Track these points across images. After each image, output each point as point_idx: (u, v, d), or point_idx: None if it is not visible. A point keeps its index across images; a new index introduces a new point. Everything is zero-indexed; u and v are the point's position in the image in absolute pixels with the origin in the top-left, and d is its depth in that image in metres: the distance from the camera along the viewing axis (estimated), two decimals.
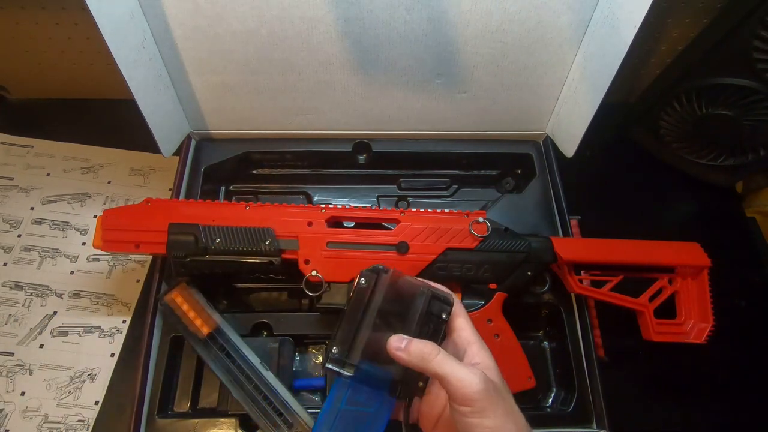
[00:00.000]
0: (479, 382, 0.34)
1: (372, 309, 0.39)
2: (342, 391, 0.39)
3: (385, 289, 0.40)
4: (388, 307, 0.39)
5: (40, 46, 0.71)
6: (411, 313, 0.39)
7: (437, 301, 0.40)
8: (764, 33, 0.55)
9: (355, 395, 0.39)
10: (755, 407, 0.62)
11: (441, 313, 0.39)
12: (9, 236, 0.67)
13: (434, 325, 0.39)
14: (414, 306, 0.39)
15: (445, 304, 0.40)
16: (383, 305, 0.39)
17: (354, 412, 0.39)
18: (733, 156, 0.70)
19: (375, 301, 0.39)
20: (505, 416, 0.34)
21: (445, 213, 0.55)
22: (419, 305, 0.39)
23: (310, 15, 0.54)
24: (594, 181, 0.75)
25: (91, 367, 0.60)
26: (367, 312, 0.39)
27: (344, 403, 0.39)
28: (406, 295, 0.40)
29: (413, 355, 0.36)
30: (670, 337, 0.56)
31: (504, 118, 0.67)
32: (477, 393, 0.33)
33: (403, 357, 0.36)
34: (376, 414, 0.39)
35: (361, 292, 0.40)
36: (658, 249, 0.56)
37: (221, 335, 0.53)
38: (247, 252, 0.51)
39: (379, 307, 0.39)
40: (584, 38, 0.57)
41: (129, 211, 0.53)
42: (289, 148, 0.68)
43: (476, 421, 0.33)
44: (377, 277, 0.40)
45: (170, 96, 0.62)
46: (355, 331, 0.39)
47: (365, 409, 0.39)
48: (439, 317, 0.39)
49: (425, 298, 0.40)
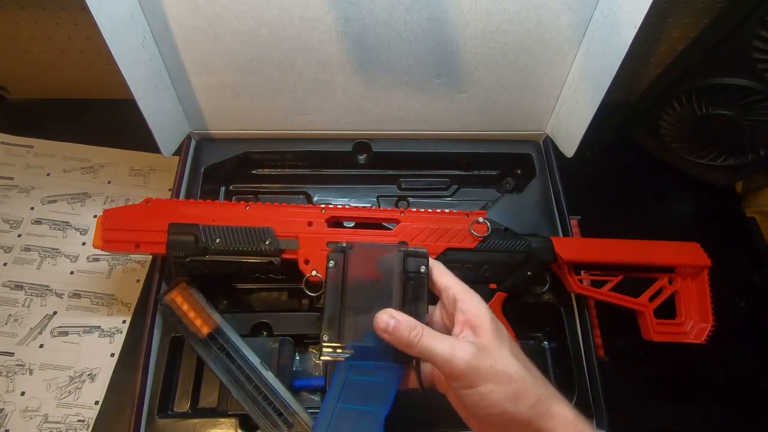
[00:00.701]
0: (463, 359, 0.34)
1: (350, 287, 0.39)
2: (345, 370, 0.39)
3: (356, 263, 0.40)
4: (365, 281, 0.39)
5: (40, 46, 0.71)
6: (390, 278, 0.39)
7: (411, 258, 0.40)
8: (764, 33, 0.55)
9: (360, 370, 0.39)
10: (755, 407, 0.62)
11: (419, 267, 0.39)
12: (9, 236, 0.67)
13: (415, 281, 0.39)
14: (390, 270, 0.39)
15: (420, 257, 0.40)
16: (359, 280, 0.39)
17: (361, 383, 0.39)
18: (733, 156, 0.70)
19: (350, 279, 0.39)
20: (496, 379, 0.34)
21: (445, 213, 0.55)
22: (395, 267, 0.39)
23: (310, 15, 0.54)
24: (594, 181, 0.75)
25: (91, 367, 0.60)
26: (346, 291, 0.39)
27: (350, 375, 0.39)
28: (380, 262, 0.40)
29: (399, 340, 0.36)
30: (670, 337, 0.56)
31: (504, 118, 0.67)
32: (462, 369, 0.34)
33: (390, 340, 0.37)
34: (385, 383, 0.39)
35: (333, 274, 0.40)
36: (658, 249, 0.56)
37: (221, 335, 0.53)
38: (247, 252, 0.51)
39: (356, 284, 0.39)
40: (584, 38, 0.57)
41: (129, 211, 0.53)
42: (289, 148, 0.68)
43: (468, 392, 0.35)
44: (344, 255, 0.40)
45: (170, 96, 0.62)
46: (339, 313, 0.39)
47: (373, 378, 0.39)
48: (417, 272, 0.39)
49: (398, 259, 0.40)
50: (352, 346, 0.38)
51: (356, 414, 0.38)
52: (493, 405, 0.34)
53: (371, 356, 0.39)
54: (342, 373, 0.39)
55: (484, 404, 0.34)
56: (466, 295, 0.39)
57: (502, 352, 0.36)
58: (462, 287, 0.40)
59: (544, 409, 0.34)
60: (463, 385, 0.35)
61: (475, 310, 0.38)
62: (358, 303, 0.39)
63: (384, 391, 0.39)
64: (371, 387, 0.39)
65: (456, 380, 0.35)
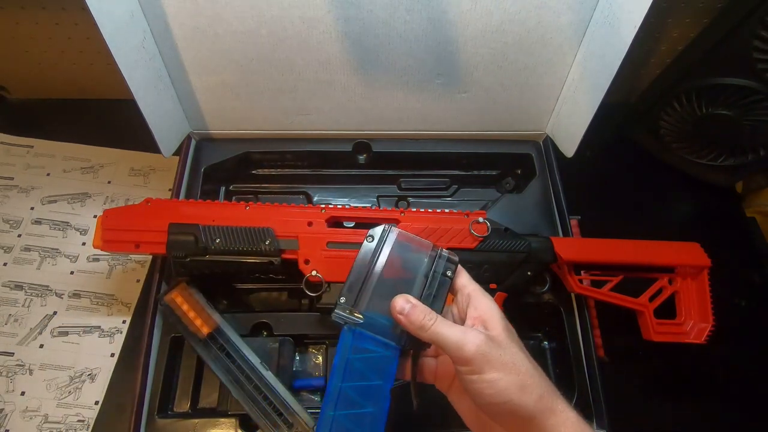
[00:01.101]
0: (474, 343, 0.35)
1: (378, 264, 0.41)
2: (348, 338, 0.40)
3: (391, 246, 0.41)
4: (394, 264, 0.41)
5: (40, 46, 0.71)
6: (417, 270, 0.41)
7: (443, 261, 0.42)
8: (764, 33, 0.55)
9: (362, 344, 0.40)
10: (755, 407, 0.62)
11: (447, 270, 0.41)
12: (9, 236, 0.67)
13: (440, 282, 0.41)
14: (420, 264, 0.41)
15: (451, 263, 0.42)
16: (389, 262, 0.41)
17: (362, 360, 0.40)
18: (733, 156, 0.70)
19: (381, 258, 0.41)
20: (503, 368, 0.35)
21: (445, 213, 0.55)
22: (425, 263, 0.41)
23: (310, 15, 0.54)
24: (594, 181, 0.75)
25: (91, 367, 0.60)
26: (373, 267, 0.41)
27: (351, 352, 0.40)
28: (413, 253, 0.42)
29: (412, 322, 0.37)
30: (670, 337, 0.56)
31: (504, 118, 0.67)
32: (472, 353, 0.35)
33: (403, 321, 0.38)
34: (385, 358, 0.40)
35: (368, 248, 0.41)
36: (658, 249, 0.56)
37: (221, 335, 0.53)
38: (247, 252, 0.51)
39: (386, 263, 0.41)
40: (584, 38, 0.57)
41: (129, 211, 0.53)
42: (289, 148, 0.68)
43: (475, 377, 0.35)
44: (385, 235, 0.42)
45: (170, 96, 0.62)
46: (362, 283, 0.40)
47: (373, 355, 0.40)
48: (444, 274, 0.41)
49: (432, 257, 0.41)
50: (364, 314, 0.40)
51: (361, 390, 0.40)
52: (499, 393, 0.34)
53: (378, 331, 0.40)
54: (344, 348, 0.40)
55: (490, 392, 0.35)
56: (481, 294, 0.40)
57: (512, 346, 0.37)
58: (477, 287, 0.41)
59: (548, 405, 0.35)
60: (471, 370, 0.35)
61: (488, 308, 0.39)
62: (381, 281, 0.40)
63: (385, 366, 0.40)
64: (371, 363, 0.40)
65: (465, 365, 0.35)
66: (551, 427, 0.34)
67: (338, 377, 0.40)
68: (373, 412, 0.39)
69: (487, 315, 0.38)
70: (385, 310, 0.39)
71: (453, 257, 0.42)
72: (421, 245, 0.42)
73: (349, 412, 0.39)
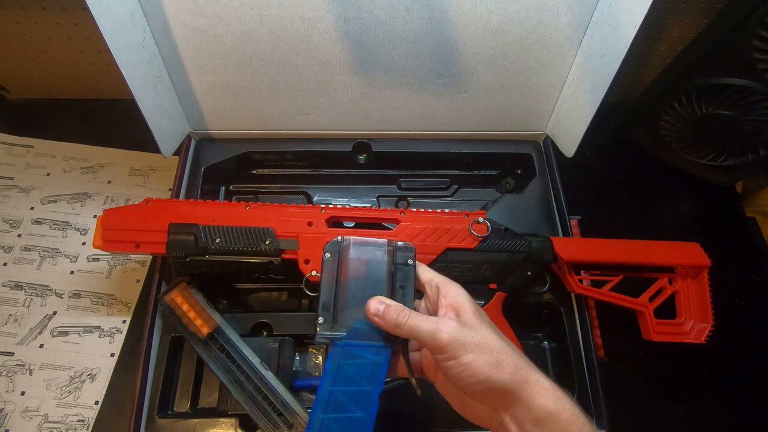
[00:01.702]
0: (446, 331, 0.37)
1: (343, 276, 0.42)
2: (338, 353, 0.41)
3: (349, 254, 0.43)
4: (358, 270, 0.43)
5: (40, 46, 0.71)
6: (381, 268, 0.43)
7: (400, 252, 0.44)
8: (764, 33, 0.55)
9: (351, 354, 0.41)
10: (755, 407, 0.62)
11: (406, 260, 0.43)
12: (9, 236, 0.67)
13: (403, 273, 0.43)
14: (381, 261, 0.43)
15: (408, 252, 0.44)
16: (353, 270, 0.43)
17: (353, 365, 0.41)
18: (733, 156, 0.70)
19: (344, 269, 0.43)
20: (477, 349, 0.37)
21: (445, 213, 0.55)
22: (385, 259, 0.43)
23: (310, 15, 0.54)
24: (594, 181, 0.75)
25: (91, 367, 0.60)
26: (340, 280, 0.42)
27: (343, 357, 0.41)
28: (372, 253, 0.43)
29: (388, 322, 0.39)
30: (670, 337, 0.56)
31: (504, 118, 0.67)
32: (446, 341, 0.37)
33: (379, 323, 0.40)
34: (375, 364, 0.41)
35: (329, 264, 0.43)
36: (658, 249, 0.56)
37: (221, 335, 0.53)
38: (247, 252, 0.51)
39: (350, 273, 0.42)
40: (584, 38, 0.57)
41: (129, 211, 0.53)
42: (289, 148, 0.68)
43: (452, 363, 0.37)
44: (339, 247, 0.44)
45: (170, 96, 0.62)
46: (334, 298, 0.42)
47: (364, 361, 0.41)
48: (405, 264, 0.43)
49: (389, 251, 0.43)
50: (345, 328, 0.41)
51: (351, 395, 0.41)
52: (476, 374, 0.36)
53: (363, 337, 0.42)
54: (335, 359, 0.41)
55: (467, 374, 0.36)
56: (448, 284, 0.42)
57: (483, 328, 0.39)
58: (443, 278, 0.43)
59: (523, 376, 0.36)
60: (447, 357, 0.37)
61: (456, 294, 0.41)
62: (351, 290, 0.42)
63: (375, 372, 0.41)
64: (362, 369, 0.41)
65: (441, 353, 0.37)
66: (527, 397, 0.36)
67: (329, 381, 0.41)
68: (362, 417, 0.40)
69: (457, 301, 0.40)
70: (363, 315, 0.41)
71: (408, 245, 0.44)
72: (375, 244, 0.44)
73: (338, 415, 0.40)
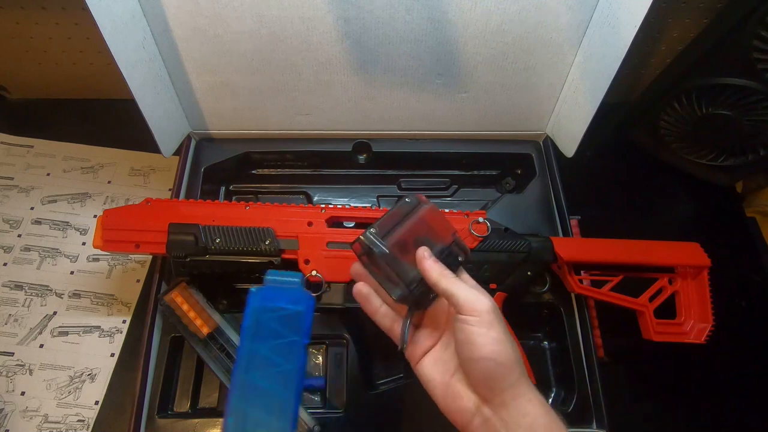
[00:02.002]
0: (488, 301, 0.38)
1: (412, 219, 0.43)
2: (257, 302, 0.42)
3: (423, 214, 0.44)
4: (422, 228, 0.43)
5: (40, 46, 0.71)
6: (437, 244, 0.43)
7: (457, 247, 0.44)
8: (764, 33, 0.55)
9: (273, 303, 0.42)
10: (755, 407, 0.62)
11: (458, 255, 0.44)
12: (9, 236, 0.67)
13: (451, 262, 0.43)
14: (440, 240, 0.44)
15: (462, 251, 0.44)
16: (419, 223, 0.43)
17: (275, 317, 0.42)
18: (733, 156, 0.70)
19: (414, 216, 0.44)
20: (506, 334, 0.37)
21: (445, 213, 0.55)
22: (444, 241, 0.44)
23: (310, 15, 0.54)
24: (594, 181, 0.75)
25: (91, 367, 0.60)
26: (407, 219, 0.43)
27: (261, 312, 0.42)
28: (437, 229, 0.44)
29: (434, 268, 0.39)
30: (670, 337, 0.56)
31: (504, 118, 0.67)
32: (485, 308, 0.37)
33: (426, 265, 0.40)
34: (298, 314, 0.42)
35: (404, 204, 0.44)
36: (658, 249, 0.56)
37: (221, 335, 0.53)
38: (247, 252, 0.51)
39: (416, 221, 0.43)
40: (584, 38, 0.57)
41: (129, 211, 0.53)
42: (289, 148, 0.68)
43: (483, 331, 0.36)
44: (419, 203, 0.44)
45: (170, 96, 0.62)
46: (394, 225, 0.42)
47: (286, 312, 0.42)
48: (456, 258, 0.44)
49: (450, 239, 0.44)
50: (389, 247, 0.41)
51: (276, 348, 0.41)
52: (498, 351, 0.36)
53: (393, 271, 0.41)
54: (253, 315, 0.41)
55: (491, 347, 0.36)
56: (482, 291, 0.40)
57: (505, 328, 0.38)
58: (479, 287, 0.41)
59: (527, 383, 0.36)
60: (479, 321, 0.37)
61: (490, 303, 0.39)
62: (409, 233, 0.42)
63: (299, 322, 0.42)
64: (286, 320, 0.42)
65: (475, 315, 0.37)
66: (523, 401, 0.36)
67: (249, 339, 0.40)
68: (290, 369, 0.40)
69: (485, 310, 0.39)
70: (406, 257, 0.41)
71: (465, 247, 0.45)
72: (446, 225, 0.44)
73: (264, 371, 0.40)
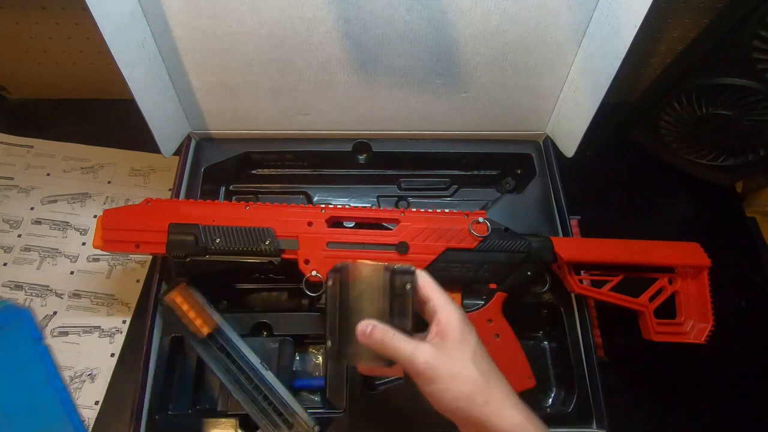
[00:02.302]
0: (422, 358, 0.38)
1: (345, 302, 0.43)
2: None
3: (351, 281, 0.43)
4: (360, 295, 0.43)
5: (40, 46, 0.71)
6: (379, 292, 0.42)
7: (399, 275, 0.43)
8: (764, 33, 0.55)
9: None
10: (755, 407, 0.62)
11: (405, 284, 0.42)
12: (9, 236, 0.67)
13: (401, 296, 0.42)
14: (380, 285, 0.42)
15: (407, 275, 0.42)
16: (354, 295, 0.43)
17: None
18: (733, 156, 0.70)
19: (345, 295, 0.43)
20: (451, 379, 0.38)
21: (445, 213, 0.55)
22: (384, 283, 0.42)
23: (310, 15, 0.54)
24: (594, 181, 0.75)
25: (91, 367, 0.60)
26: (342, 305, 0.43)
27: None
28: (371, 278, 0.43)
29: (373, 341, 0.40)
30: (670, 337, 0.56)
31: (504, 118, 0.67)
32: (422, 367, 0.38)
33: (367, 343, 0.40)
34: None
35: (332, 291, 0.44)
36: (658, 249, 0.56)
37: (221, 335, 0.53)
38: (247, 252, 0.51)
39: (351, 298, 0.42)
40: (584, 38, 0.57)
41: (129, 211, 0.53)
42: (289, 148, 0.68)
43: (424, 388, 0.38)
44: (341, 274, 0.43)
45: (170, 96, 0.62)
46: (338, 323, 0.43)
47: None
48: (403, 288, 0.42)
49: (386, 275, 0.42)
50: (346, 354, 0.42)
51: None
52: (449, 402, 0.38)
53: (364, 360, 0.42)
54: None
55: (440, 400, 0.38)
56: (441, 308, 0.41)
57: (462, 357, 0.39)
58: (440, 298, 0.42)
59: (495, 410, 0.37)
60: (422, 381, 0.38)
61: (447, 320, 0.40)
62: (354, 315, 0.42)
63: None
64: None
65: (416, 377, 0.39)
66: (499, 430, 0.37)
67: None
68: None
69: (446, 327, 0.40)
70: None
71: (408, 268, 0.43)
72: (375, 268, 0.43)
73: None
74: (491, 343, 0.52)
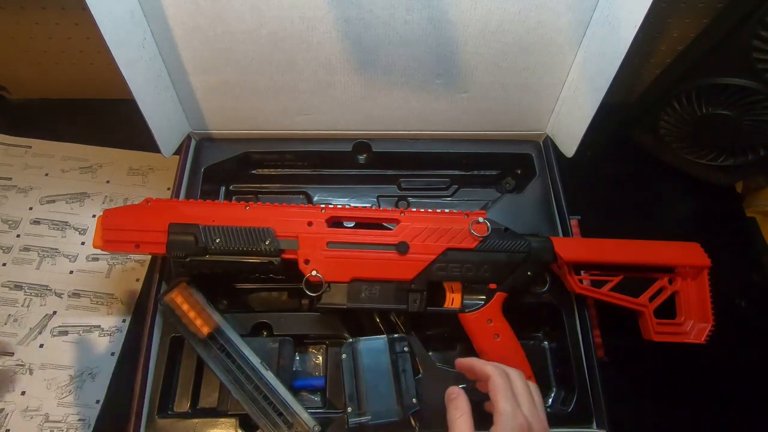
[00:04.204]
0: None
1: (360, 370, 0.51)
2: None
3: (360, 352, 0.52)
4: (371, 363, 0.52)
5: (40, 46, 0.71)
6: (388, 356, 0.52)
7: (396, 342, 0.54)
8: (764, 33, 0.55)
9: None
10: (755, 407, 0.62)
11: (403, 347, 0.54)
12: (8, 236, 0.67)
13: (402, 358, 0.53)
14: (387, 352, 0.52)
15: (402, 342, 0.54)
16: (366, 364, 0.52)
17: None
18: (733, 156, 0.70)
19: (359, 365, 0.52)
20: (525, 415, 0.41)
21: (445, 213, 0.55)
22: (386, 350, 0.52)
23: (310, 15, 0.54)
24: (594, 181, 0.75)
25: (91, 367, 0.60)
26: (357, 373, 0.51)
27: None
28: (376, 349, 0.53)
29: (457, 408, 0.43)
30: (670, 337, 0.56)
31: (504, 118, 0.67)
32: None
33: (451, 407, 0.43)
34: None
35: (347, 364, 0.52)
36: (658, 249, 0.56)
37: (221, 335, 0.53)
38: (247, 252, 0.51)
39: (364, 367, 0.51)
40: (584, 38, 0.57)
41: (129, 210, 0.53)
42: (289, 148, 0.68)
43: None
44: (352, 348, 0.53)
45: (170, 96, 0.62)
46: (356, 390, 0.51)
47: None
48: (402, 351, 0.53)
49: (387, 344, 0.53)
50: (370, 412, 0.49)
51: None
52: None
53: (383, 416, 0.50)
54: None
55: None
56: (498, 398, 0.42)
57: None
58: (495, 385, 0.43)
59: None
60: None
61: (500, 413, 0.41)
62: (369, 380, 0.51)
63: None
64: None
65: None
66: None
67: None
68: None
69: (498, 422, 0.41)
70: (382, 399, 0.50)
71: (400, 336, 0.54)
72: (377, 341, 0.53)
73: None
74: (491, 343, 0.52)
